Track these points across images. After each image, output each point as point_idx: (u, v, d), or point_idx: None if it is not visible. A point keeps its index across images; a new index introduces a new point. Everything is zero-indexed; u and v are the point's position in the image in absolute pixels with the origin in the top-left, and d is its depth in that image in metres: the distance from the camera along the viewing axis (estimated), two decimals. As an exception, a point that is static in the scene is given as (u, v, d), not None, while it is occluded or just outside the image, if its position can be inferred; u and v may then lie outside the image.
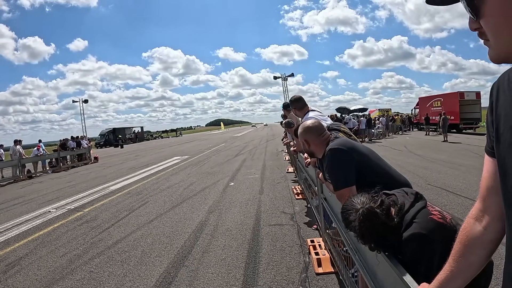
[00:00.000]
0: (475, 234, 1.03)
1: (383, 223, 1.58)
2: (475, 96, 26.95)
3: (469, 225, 1.06)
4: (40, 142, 20.98)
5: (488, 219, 1.00)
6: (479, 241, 1.02)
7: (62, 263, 4.75)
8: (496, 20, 0.73)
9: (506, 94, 0.86)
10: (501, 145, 0.87)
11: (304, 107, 4.87)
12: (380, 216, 1.59)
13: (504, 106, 0.87)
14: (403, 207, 1.69)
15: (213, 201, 7.81)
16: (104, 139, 59.74)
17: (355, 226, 1.60)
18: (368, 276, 1.91)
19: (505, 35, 0.73)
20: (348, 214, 1.67)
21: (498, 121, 0.89)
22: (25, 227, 6.84)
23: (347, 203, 1.74)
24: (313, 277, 3.76)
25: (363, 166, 2.37)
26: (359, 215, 1.59)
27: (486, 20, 0.75)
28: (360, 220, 1.58)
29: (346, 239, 2.49)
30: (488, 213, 1.00)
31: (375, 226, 1.58)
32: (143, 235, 5.68)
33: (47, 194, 11.02)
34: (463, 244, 1.06)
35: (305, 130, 2.81)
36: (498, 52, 0.77)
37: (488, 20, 0.75)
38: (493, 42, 0.76)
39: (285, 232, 5.29)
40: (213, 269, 4.16)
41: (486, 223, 1.01)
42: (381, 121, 27.65)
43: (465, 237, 1.06)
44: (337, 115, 26.66)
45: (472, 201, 5.97)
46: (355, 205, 1.66)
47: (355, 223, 1.61)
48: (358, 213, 1.60)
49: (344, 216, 1.72)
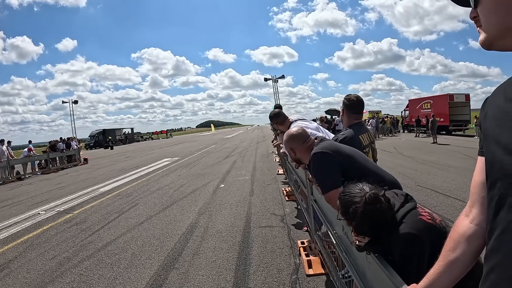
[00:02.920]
0: (463, 228, 1.05)
1: (384, 211, 1.61)
2: (465, 98, 27.24)
3: (459, 221, 1.09)
4: (30, 144, 20.78)
5: (475, 212, 1.02)
6: (465, 236, 1.04)
7: (52, 266, 4.71)
8: (489, 6, 0.84)
9: (498, 103, 0.91)
10: (488, 141, 0.92)
11: (285, 120, 4.82)
12: (383, 204, 1.61)
13: (494, 115, 0.91)
14: (393, 207, 1.71)
15: (204, 203, 7.79)
16: (94, 140, 59.34)
17: (358, 209, 1.61)
18: (358, 277, 1.93)
19: (494, 19, 0.84)
20: (352, 196, 1.68)
21: (487, 124, 0.94)
22: (14, 230, 6.78)
23: (351, 187, 1.75)
24: (304, 279, 3.78)
25: (349, 167, 2.38)
26: (365, 198, 1.61)
27: (481, 6, 0.86)
28: (366, 202, 1.59)
29: (336, 240, 2.51)
30: (475, 206, 1.02)
31: (378, 212, 1.60)
32: (133, 238, 5.66)
33: (37, 196, 10.92)
34: (451, 239, 1.09)
35: (290, 138, 2.84)
36: (488, 36, 0.87)
37: (482, 6, 0.85)
38: (484, 26, 0.87)
39: (275, 234, 5.30)
40: (203, 271, 4.16)
41: (473, 217, 1.03)
42: (371, 123, 27.80)
43: (454, 232, 1.08)
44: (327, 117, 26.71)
45: (461, 202, 6.06)
46: (362, 189, 1.68)
47: (359, 206, 1.61)
48: (364, 196, 1.62)
49: (345, 199, 1.71)
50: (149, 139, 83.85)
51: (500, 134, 0.85)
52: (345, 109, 3.25)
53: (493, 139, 0.88)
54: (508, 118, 0.83)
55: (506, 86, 0.90)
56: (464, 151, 14.33)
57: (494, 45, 0.87)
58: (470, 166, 9.95)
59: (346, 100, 3.24)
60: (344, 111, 3.26)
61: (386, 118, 35.02)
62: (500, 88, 0.93)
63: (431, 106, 28.45)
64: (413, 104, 32.37)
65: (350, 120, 3.23)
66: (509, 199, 0.81)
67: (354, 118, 3.23)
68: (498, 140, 0.85)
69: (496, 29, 0.84)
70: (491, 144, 0.89)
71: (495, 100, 0.93)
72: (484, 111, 0.97)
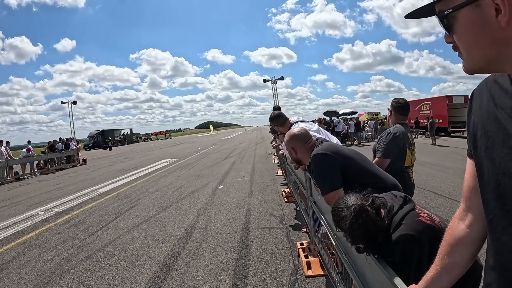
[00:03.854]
0: (459, 234, 1.06)
1: (373, 221, 1.60)
2: (463, 100, 27.22)
3: (453, 225, 1.10)
4: (29, 144, 20.76)
5: (471, 218, 1.03)
6: (462, 241, 1.05)
7: (51, 267, 4.70)
8: (466, 38, 0.81)
9: (483, 101, 0.91)
10: (478, 149, 0.91)
11: (285, 121, 4.79)
12: (371, 214, 1.61)
13: (480, 113, 0.91)
14: (392, 209, 1.72)
15: (202, 204, 7.79)
16: (93, 141, 59.29)
17: (346, 223, 1.62)
18: (358, 278, 1.93)
19: (474, 52, 0.81)
20: (340, 211, 1.69)
21: (475, 127, 0.93)
22: (13, 230, 6.77)
23: (339, 201, 1.76)
24: (303, 280, 3.78)
25: (349, 169, 2.39)
26: (350, 212, 1.61)
27: (458, 36, 0.83)
28: (352, 216, 1.60)
29: (336, 241, 2.51)
30: (471, 212, 1.03)
31: (365, 223, 1.59)
32: (132, 238, 5.65)
33: (35, 197, 10.91)
34: (447, 243, 1.09)
35: (291, 138, 2.86)
36: (469, 65, 0.84)
37: (459, 36, 0.82)
38: (465, 56, 0.84)
39: (274, 235, 5.30)
40: (202, 273, 4.16)
41: (469, 222, 1.04)
42: (369, 124, 27.81)
43: (450, 237, 1.09)
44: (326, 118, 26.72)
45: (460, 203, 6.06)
46: (347, 202, 1.69)
47: (346, 220, 1.62)
48: (350, 209, 1.62)
49: (335, 214, 1.73)
50: (148, 140, 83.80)
51: (492, 149, 0.85)
52: (393, 110, 3.62)
53: (484, 152, 0.88)
54: (501, 132, 0.82)
55: (492, 85, 0.89)
56: (462, 152, 14.29)
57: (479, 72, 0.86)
58: (468, 168, 9.96)
59: (395, 102, 3.61)
60: (392, 112, 3.63)
61: (385, 119, 35.05)
62: (486, 84, 0.91)
63: (430, 108, 28.47)
64: (412, 106, 32.13)
65: (397, 120, 3.61)
66: (502, 222, 0.82)
67: (401, 119, 3.61)
68: (491, 156, 0.85)
69: (478, 61, 0.82)
70: (483, 157, 0.88)
71: (482, 97, 0.92)
72: (470, 106, 0.97)
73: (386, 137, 3.38)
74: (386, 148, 3.31)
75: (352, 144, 23.48)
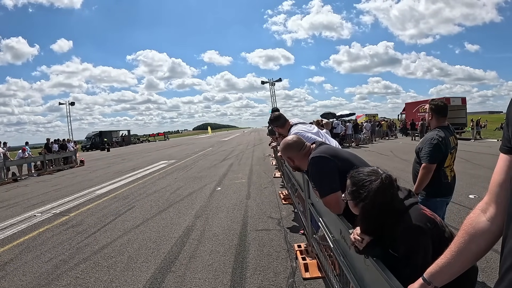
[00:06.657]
0: (479, 225, 1.08)
1: (395, 196, 1.65)
2: (461, 102, 27.29)
3: (474, 215, 1.11)
4: (27, 145, 20.71)
5: (494, 212, 1.05)
6: (481, 231, 1.07)
7: (48, 269, 4.69)
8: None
9: None
10: None
11: (285, 123, 4.81)
12: (395, 190, 1.67)
13: None
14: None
15: (200, 206, 7.79)
16: (91, 142, 59.08)
17: (373, 186, 1.64)
18: (355, 281, 1.94)
19: None
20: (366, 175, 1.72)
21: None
22: (10, 232, 6.75)
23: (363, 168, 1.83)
24: (300, 282, 3.78)
25: (347, 171, 2.40)
26: (381, 179, 1.64)
27: None
28: (381, 183, 1.63)
29: (334, 244, 2.52)
30: (494, 206, 1.05)
31: (390, 195, 1.63)
32: (129, 240, 5.65)
33: (33, 198, 10.87)
34: (465, 232, 1.11)
35: (286, 147, 2.92)
36: None
37: None
38: None
39: (272, 237, 5.30)
40: (200, 275, 4.16)
41: (490, 215, 1.06)
42: (365, 126, 27.79)
43: (469, 226, 1.11)
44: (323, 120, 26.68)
45: (458, 205, 6.08)
46: (376, 169, 1.75)
47: (374, 184, 1.64)
48: (380, 177, 1.66)
49: (360, 177, 1.75)
50: (145, 141, 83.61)
51: None
52: (433, 113, 3.62)
53: None
54: None
55: None
56: (460, 154, 14.29)
57: None
58: (466, 169, 9.99)
59: (433, 105, 3.61)
60: (433, 115, 3.62)
61: (383, 121, 35.10)
62: None
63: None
64: (410, 108, 32.44)
65: (439, 122, 3.63)
66: None
67: (442, 120, 3.61)
68: None
69: None
70: None
71: None
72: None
73: (431, 141, 3.44)
74: (431, 154, 3.39)
75: (350, 146, 23.51)
